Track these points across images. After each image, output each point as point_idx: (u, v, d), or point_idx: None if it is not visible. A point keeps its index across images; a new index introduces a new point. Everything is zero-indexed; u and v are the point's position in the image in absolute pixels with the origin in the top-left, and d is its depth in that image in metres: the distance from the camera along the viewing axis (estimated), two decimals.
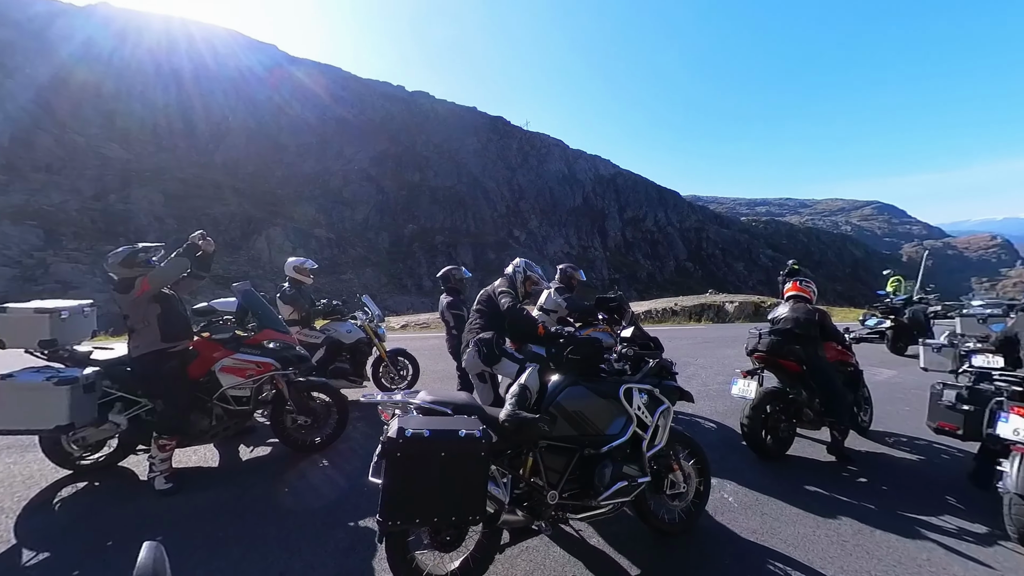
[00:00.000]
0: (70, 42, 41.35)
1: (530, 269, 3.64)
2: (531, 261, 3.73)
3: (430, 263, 44.48)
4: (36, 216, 28.75)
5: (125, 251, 2.99)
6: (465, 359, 3.39)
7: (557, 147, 78.88)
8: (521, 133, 76.93)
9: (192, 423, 3.13)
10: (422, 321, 12.17)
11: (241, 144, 47.75)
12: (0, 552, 2.30)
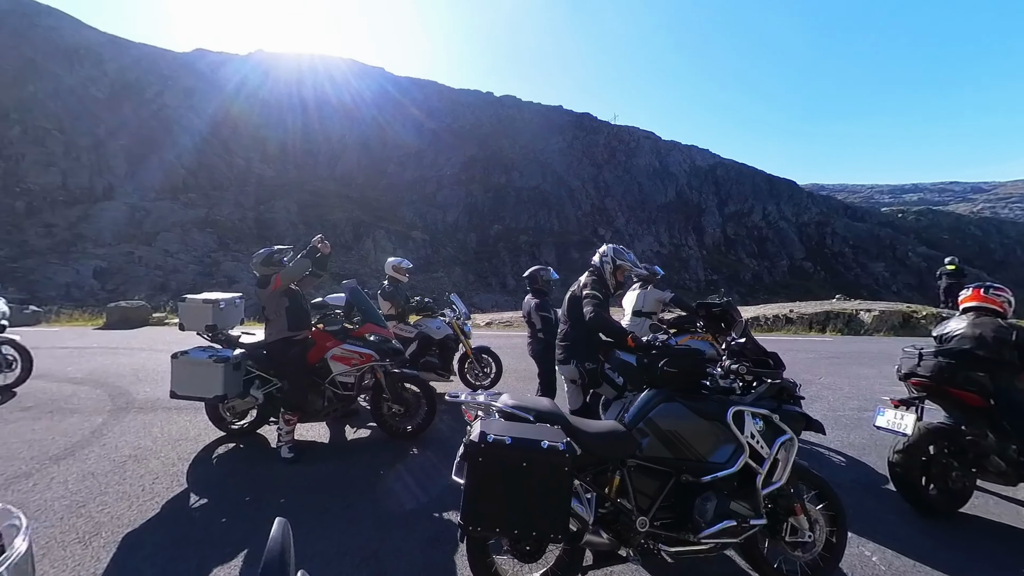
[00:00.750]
0: (233, 83, 51.67)
1: (620, 257, 3.18)
2: (621, 246, 3.26)
3: (514, 262, 45.52)
4: (212, 225, 36.49)
5: (264, 252, 3.55)
6: (560, 367, 3.30)
7: (647, 140, 74.34)
8: (608, 128, 74.25)
9: (309, 402, 3.59)
10: (505, 319, 12.44)
11: (354, 160, 54.54)
12: (177, 493, 2.89)
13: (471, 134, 63.92)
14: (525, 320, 4.10)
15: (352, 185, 51.29)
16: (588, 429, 1.95)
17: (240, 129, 48.69)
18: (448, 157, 58.98)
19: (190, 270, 31.30)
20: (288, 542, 0.66)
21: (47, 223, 31.56)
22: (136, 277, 28.20)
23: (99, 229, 32.04)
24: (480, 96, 75.47)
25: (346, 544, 2.36)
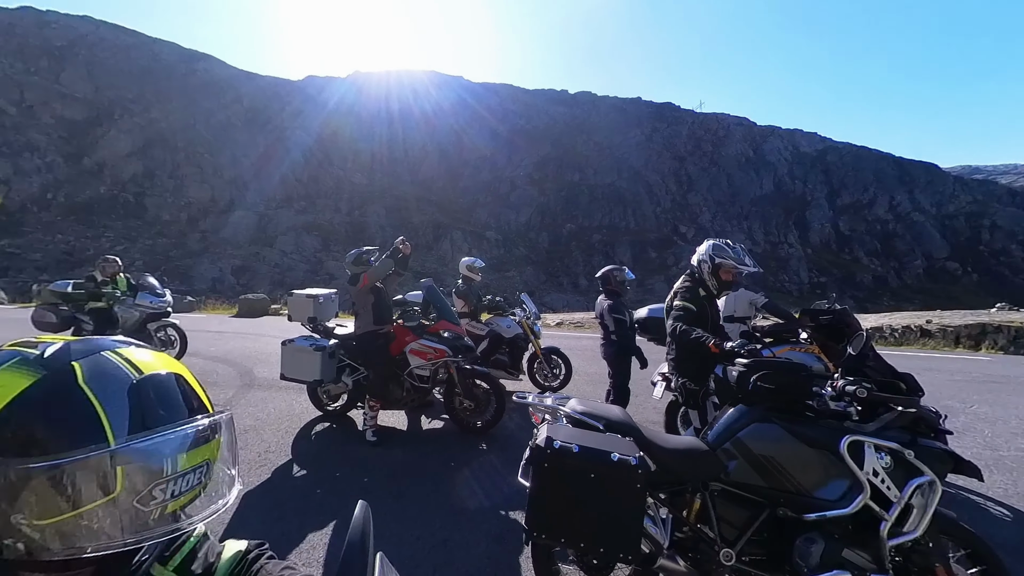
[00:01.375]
0: (333, 102, 58.50)
1: (720, 254, 2.73)
2: (725, 242, 2.80)
3: (586, 262, 44.57)
4: (318, 228, 41.71)
5: (355, 253, 3.92)
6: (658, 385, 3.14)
7: (739, 127, 67.29)
8: (692, 117, 68.81)
9: (390, 391, 3.87)
10: (576, 320, 12.21)
11: (434, 165, 58.09)
12: (284, 463, 3.32)
13: (544, 134, 64.00)
14: (598, 322, 3.95)
15: (432, 189, 54.67)
16: (664, 444, 1.80)
17: (339, 143, 54.92)
18: (522, 158, 59.78)
19: (300, 268, 36.10)
20: (368, 525, 0.68)
21: (201, 229, 38.79)
22: (261, 274, 33.33)
23: (236, 234, 38.52)
24: (554, 95, 75.18)
25: (420, 529, 2.49)
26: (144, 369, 0.50)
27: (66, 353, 0.47)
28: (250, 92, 56.97)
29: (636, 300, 6.11)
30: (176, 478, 0.48)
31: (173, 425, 0.49)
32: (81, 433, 0.43)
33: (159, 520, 0.47)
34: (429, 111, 62.88)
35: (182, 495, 0.49)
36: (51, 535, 0.42)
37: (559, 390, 5.13)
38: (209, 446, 0.52)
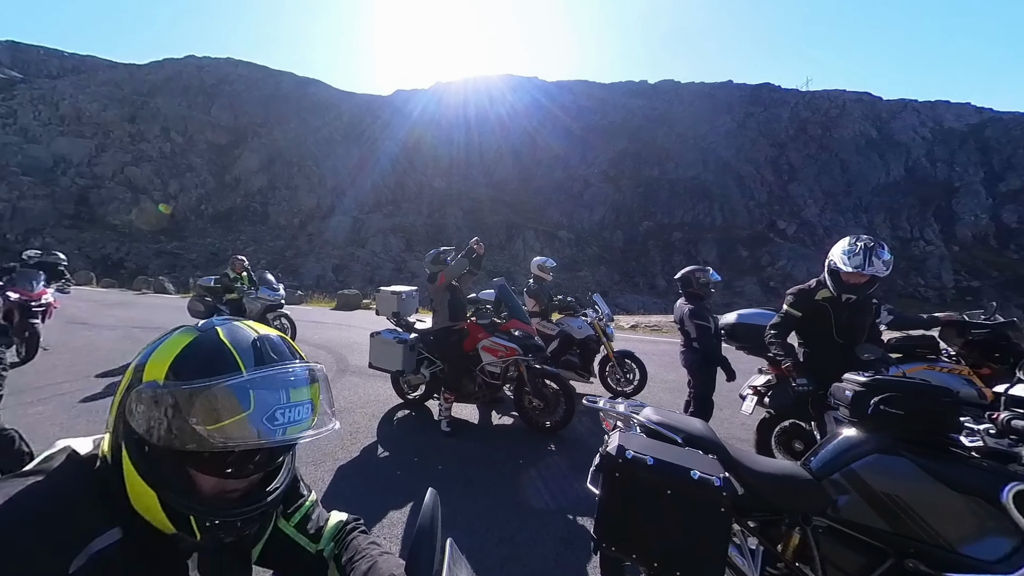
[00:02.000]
0: (416, 112, 63.09)
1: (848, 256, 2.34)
2: (864, 240, 2.37)
3: (665, 261, 41.89)
4: (402, 231, 45.32)
5: (433, 253, 4.17)
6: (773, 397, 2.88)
7: (858, 104, 57.58)
8: (796, 98, 60.60)
9: (463, 385, 4.05)
10: (653, 323, 11.53)
11: (508, 166, 59.34)
12: (370, 443, 3.66)
13: (620, 128, 61.54)
14: (677, 327, 3.67)
15: (506, 190, 55.92)
16: (756, 467, 1.61)
17: (422, 150, 58.98)
18: (596, 155, 58.23)
19: (387, 267, 39.51)
20: (437, 511, 0.73)
21: (308, 232, 44.52)
22: (355, 271, 37.19)
23: (335, 236, 43.51)
24: (631, 87, 71.89)
25: (488, 521, 2.56)
26: (261, 331, 0.70)
27: (212, 323, 0.69)
28: (348, 109, 63.92)
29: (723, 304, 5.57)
30: (290, 407, 0.64)
31: (283, 364, 0.67)
32: (224, 366, 0.63)
33: (283, 437, 0.62)
34: (504, 114, 64.59)
35: (296, 423, 0.64)
36: (216, 435, 0.59)
37: (632, 396, 4.89)
38: (312, 388, 0.68)
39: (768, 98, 62.13)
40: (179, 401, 0.59)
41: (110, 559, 0.59)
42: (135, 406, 0.61)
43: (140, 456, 0.61)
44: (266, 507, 0.68)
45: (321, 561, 0.84)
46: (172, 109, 56.74)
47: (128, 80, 61.45)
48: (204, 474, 0.63)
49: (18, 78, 59.79)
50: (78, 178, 45.12)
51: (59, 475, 0.62)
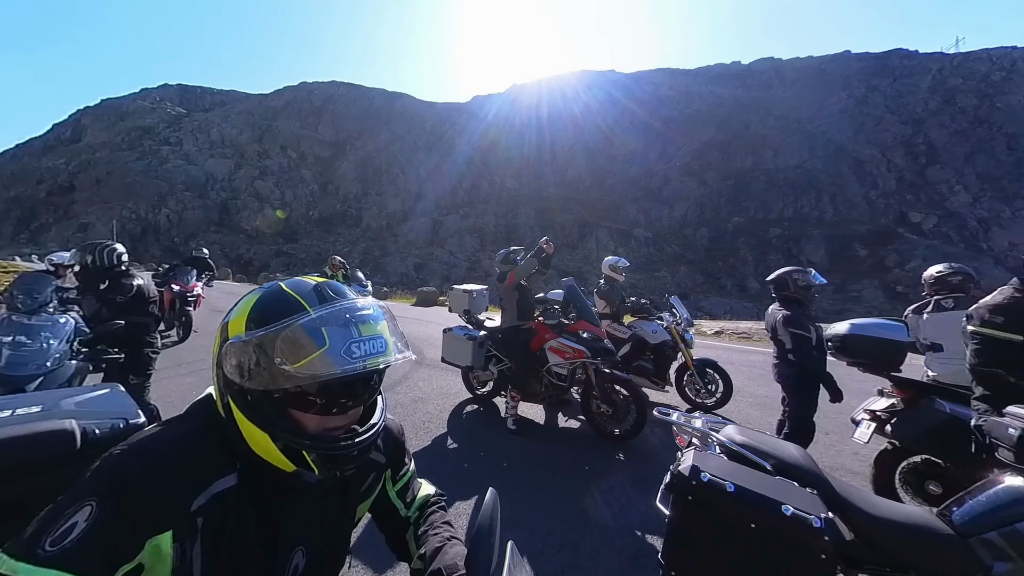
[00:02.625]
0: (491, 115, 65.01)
1: None
2: None
3: (758, 261, 37.55)
4: (476, 231, 47.11)
5: (503, 252, 4.23)
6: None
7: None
8: (939, 62, 49.94)
9: (530, 384, 4.05)
10: (741, 330, 10.38)
11: (582, 164, 58.19)
12: (440, 434, 3.84)
13: (706, 118, 56.58)
14: (769, 335, 3.24)
15: (579, 189, 54.97)
16: (873, 510, 1.33)
17: (496, 152, 60.68)
18: (678, 148, 54.35)
19: (462, 266, 41.39)
20: (496, 512, 0.73)
21: (393, 233, 48.40)
22: (434, 270, 39.60)
23: (417, 236, 46.78)
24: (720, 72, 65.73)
25: (550, 524, 2.52)
26: (320, 280, 0.77)
27: (277, 280, 0.78)
28: (430, 118, 68.23)
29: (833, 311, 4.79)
30: (363, 340, 0.68)
31: (346, 300, 0.72)
32: (290, 309, 0.69)
33: (364, 367, 0.67)
34: (577, 112, 63.60)
35: (373, 355, 0.68)
36: (301, 372, 0.64)
37: (713, 410, 4.45)
38: (381, 325, 0.72)
39: (899, 67, 52.26)
40: (263, 347, 0.65)
41: (227, 500, 0.67)
42: (228, 360, 0.68)
43: (245, 404, 0.68)
44: (369, 439, 0.72)
45: (406, 523, 0.93)
46: (289, 129, 66.00)
47: (257, 107, 72.91)
48: (304, 412, 0.69)
49: (183, 113, 74.48)
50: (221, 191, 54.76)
51: (194, 422, 0.73)
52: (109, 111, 73.81)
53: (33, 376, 2.32)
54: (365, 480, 0.87)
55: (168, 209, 49.96)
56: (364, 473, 0.87)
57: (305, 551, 0.76)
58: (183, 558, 0.63)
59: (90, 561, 0.56)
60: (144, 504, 0.60)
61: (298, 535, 0.75)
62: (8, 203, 57.07)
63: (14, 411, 1.12)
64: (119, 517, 0.58)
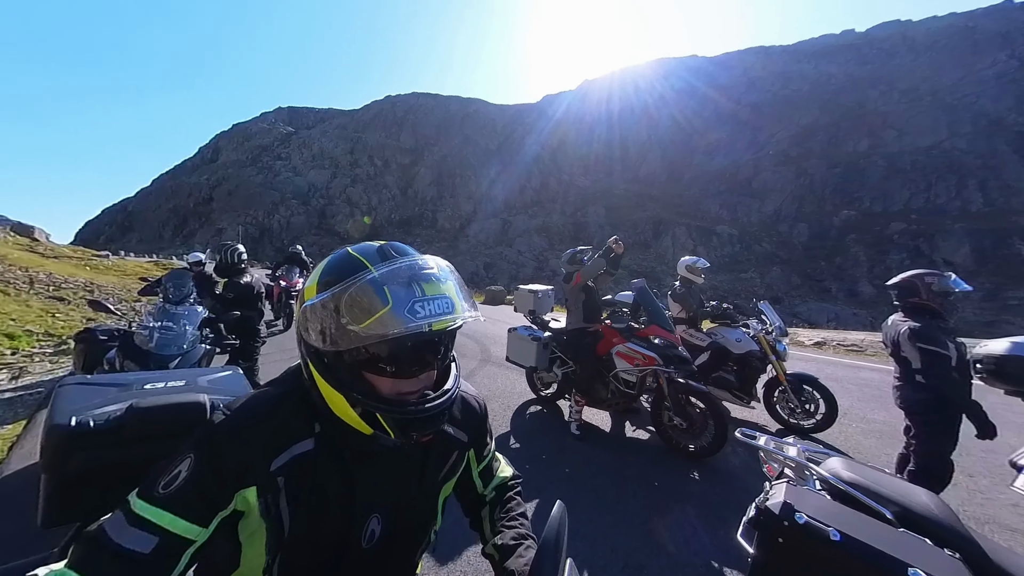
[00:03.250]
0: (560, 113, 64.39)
1: None
2: None
3: (874, 261, 32.08)
4: (544, 230, 47.08)
5: (570, 252, 4.13)
6: None
7: None
8: None
9: (595, 390, 3.89)
10: (849, 342, 8.92)
11: (657, 158, 54.94)
12: (503, 433, 3.87)
13: (807, 97, 49.81)
14: (889, 351, 2.70)
15: (653, 184, 52.07)
16: None
17: (566, 150, 59.98)
18: (771, 134, 48.70)
19: (530, 265, 41.70)
20: (564, 528, 0.70)
21: (465, 233, 50.41)
22: (502, 269, 40.45)
23: (487, 236, 48.18)
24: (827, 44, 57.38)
25: (613, 541, 2.38)
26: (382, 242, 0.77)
27: (345, 248, 0.77)
28: (502, 120, 69.78)
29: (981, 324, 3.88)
30: (427, 300, 0.67)
31: (407, 258, 0.71)
32: (353, 269, 0.69)
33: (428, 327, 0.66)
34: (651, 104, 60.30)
35: (439, 316, 0.67)
36: (367, 331, 0.65)
37: (811, 434, 3.87)
38: (447, 285, 0.70)
39: None
40: (330, 308, 0.67)
41: (304, 462, 0.71)
42: (304, 325, 0.71)
43: (323, 367, 0.70)
44: (442, 404, 0.71)
45: (481, 501, 0.96)
46: (375, 140, 72.35)
47: (349, 122, 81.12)
48: (376, 376, 0.70)
49: (292, 131, 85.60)
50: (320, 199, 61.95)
51: (285, 386, 0.78)
52: (238, 134, 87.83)
53: (174, 356, 2.83)
54: (448, 457, 0.86)
55: (279, 215, 57.89)
56: (447, 449, 0.86)
57: (380, 518, 0.77)
58: (268, 513, 0.69)
59: (189, 505, 0.65)
60: (228, 461, 0.67)
61: (374, 501, 0.76)
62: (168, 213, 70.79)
63: (167, 383, 1.40)
64: (209, 470, 0.66)
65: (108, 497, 1.12)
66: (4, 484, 2.76)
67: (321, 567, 0.74)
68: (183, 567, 0.65)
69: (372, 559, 0.77)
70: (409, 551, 0.84)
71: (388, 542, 0.78)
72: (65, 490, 1.11)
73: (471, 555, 2.20)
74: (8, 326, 6.69)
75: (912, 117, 41.87)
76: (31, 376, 5.08)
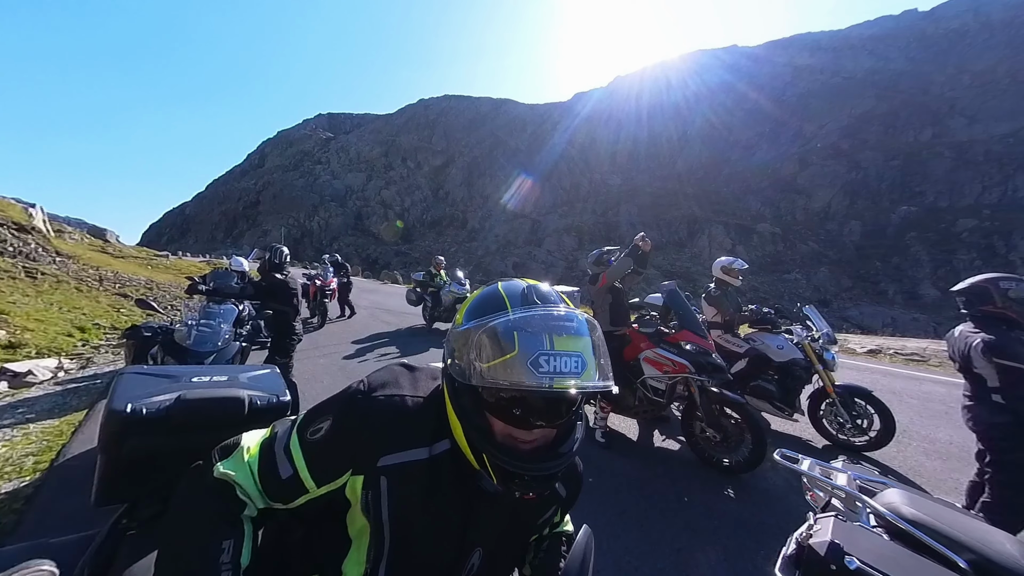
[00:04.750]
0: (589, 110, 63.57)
1: None
2: None
3: (938, 262, 29.31)
4: (574, 230, 46.50)
5: (596, 253, 4.00)
6: None
7: None
8: None
9: (622, 396, 3.74)
10: (909, 350, 8.14)
11: (695, 152, 52.87)
12: None
13: (862, 85, 46.28)
14: (957, 366, 2.40)
15: (691, 180, 50.19)
16: None
17: (596, 148, 59.00)
18: (821, 125, 45.67)
19: (560, 265, 41.34)
20: (590, 554, 0.70)
21: (495, 234, 50.66)
22: (532, 269, 40.35)
23: (516, 236, 48.23)
24: (884, 26, 53.10)
25: (639, 560, 2.25)
26: (532, 283, 0.76)
27: (496, 283, 0.77)
28: (532, 120, 69.70)
29: None
30: (555, 355, 0.63)
31: (547, 307, 0.69)
32: (495, 307, 0.70)
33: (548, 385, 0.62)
34: (687, 98, 58.18)
35: (562, 374, 0.63)
36: (488, 373, 0.64)
37: (863, 452, 3.53)
38: (581, 340, 0.66)
39: None
40: (467, 340, 0.68)
41: (413, 471, 0.70)
42: (447, 346, 0.73)
43: (452, 390, 0.71)
44: (552, 468, 0.67)
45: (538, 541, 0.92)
46: (408, 143, 74.25)
47: (384, 126, 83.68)
48: (495, 417, 0.68)
49: (331, 137, 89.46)
50: (356, 201, 64.28)
51: (421, 395, 0.78)
52: (282, 140, 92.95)
53: (209, 352, 2.97)
54: (547, 510, 0.86)
55: (319, 217, 60.63)
56: (548, 503, 0.85)
57: (482, 553, 0.76)
58: (368, 511, 0.70)
59: (314, 460, 0.71)
60: (349, 436, 0.71)
61: (482, 534, 0.75)
62: (220, 216, 75.93)
63: (212, 378, 1.46)
64: (335, 437, 0.71)
65: (155, 482, 1.20)
66: (66, 466, 3.01)
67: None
68: (301, 504, 0.72)
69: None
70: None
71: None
72: (118, 472, 1.19)
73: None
74: (80, 319, 7.38)
75: (986, 102, 37.86)
76: (96, 366, 5.55)
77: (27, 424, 3.65)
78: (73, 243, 16.61)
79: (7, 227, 10.59)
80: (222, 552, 0.65)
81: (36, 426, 3.62)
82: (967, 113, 38.26)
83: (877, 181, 38.21)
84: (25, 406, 4.07)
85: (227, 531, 0.68)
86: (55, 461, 3.03)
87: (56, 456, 3.10)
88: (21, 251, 10.17)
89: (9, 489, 2.68)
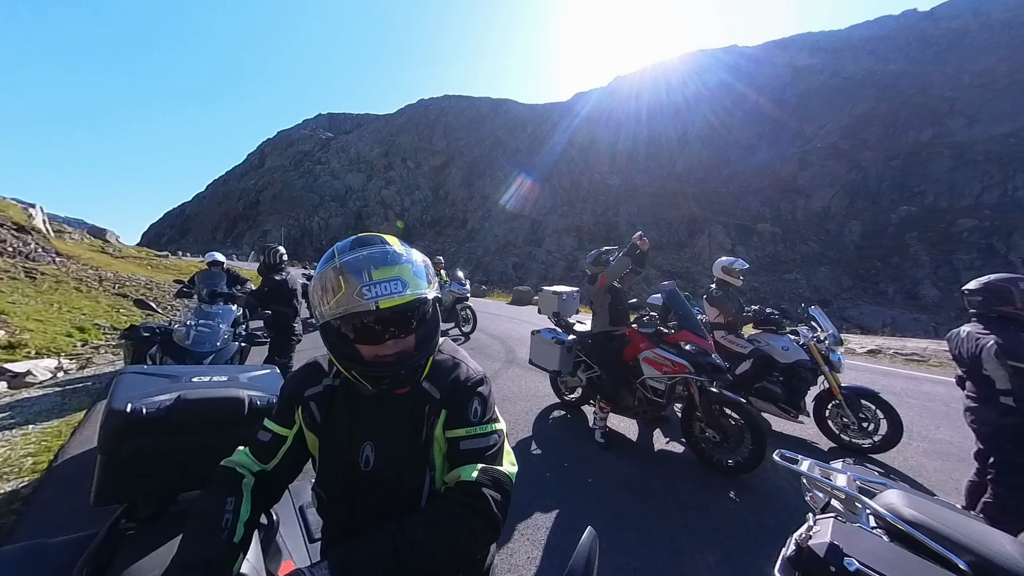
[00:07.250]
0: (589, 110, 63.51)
1: None
2: None
3: (938, 261, 29.31)
4: (574, 230, 46.47)
5: (594, 253, 3.98)
6: None
7: None
8: None
9: (621, 396, 3.73)
10: (909, 350, 8.14)
11: (695, 152, 52.86)
12: (525, 437, 3.79)
13: (862, 85, 46.26)
14: (963, 369, 2.39)
15: (690, 180, 50.17)
16: None
17: (597, 148, 58.96)
18: (820, 125, 45.66)
19: (560, 265, 41.30)
20: (594, 557, 0.68)
21: (495, 234, 50.52)
22: (532, 269, 40.31)
23: (516, 237, 48.16)
24: (885, 25, 53.06)
25: (637, 562, 2.25)
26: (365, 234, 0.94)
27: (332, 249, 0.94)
28: (532, 120, 69.64)
29: None
30: (375, 284, 0.83)
31: (364, 250, 0.88)
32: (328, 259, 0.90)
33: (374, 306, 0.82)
34: (687, 98, 58.11)
35: (386, 296, 0.83)
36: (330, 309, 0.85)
37: (870, 454, 3.52)
38: (398, 268, 0.86)
39: None
40: (312, 290, 0.90)
41: (326, 394, 0.97)
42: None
43: (321, 334, 0.91)
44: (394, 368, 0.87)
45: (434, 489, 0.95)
46: (408, 143, 74.17)
47: (384, 127, 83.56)
48: (359, 345, 0.88)
49: (331, 137, 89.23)
50: (356, 201, 64.16)
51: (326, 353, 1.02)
52: (282, 140, 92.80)
53: (208, 352, 2.97)
54: (422, 407, 0.96)
55: (319, 217, 60.53)
56: (423, 402, 0.96)
57: (373, 447, 0.92)
58: (308, 425, 0.97)
59: (279, 412, 0.99)
60: (290, 391, 1.00)
61: (366, 431, 0.93)
62: (220, 216, 75.77)
63: (212, 378, 1.47)
64: (283, 395, 1.01)
65: (154, 482, 1.20)
66: (65, 467, 3.00)
67: (338, 484, 0.94)
68: (282, 454, 0.97)
69: (375, 484, 0.91)
70: (407, 485, 0.92)
71: (384, 472, 0.91)
72: (117, 472, 1.18)
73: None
74: (80, 320, 7.37)
75: (986, 102, 37.86)
76: (95, 367, 5.54)
77: (26, 424, 3.65)
78: (73, 243, 16.60)
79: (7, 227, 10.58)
80: (226, 503, 0.85)
81: (35, 426, 3.62)
82: (967, 113, 38.24)
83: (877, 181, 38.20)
84: (24, 406, 4.07)
85: (230, 492, 0.88)
86: (54, 461, 3.02)
87: (55, 456, 3.10)
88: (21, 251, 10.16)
89: (8, 489, 2.68)
